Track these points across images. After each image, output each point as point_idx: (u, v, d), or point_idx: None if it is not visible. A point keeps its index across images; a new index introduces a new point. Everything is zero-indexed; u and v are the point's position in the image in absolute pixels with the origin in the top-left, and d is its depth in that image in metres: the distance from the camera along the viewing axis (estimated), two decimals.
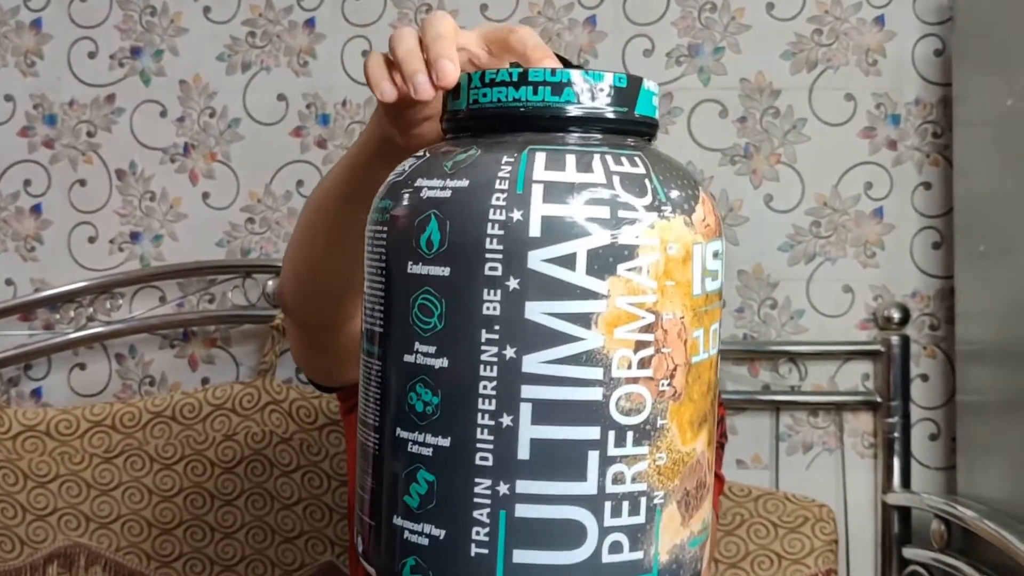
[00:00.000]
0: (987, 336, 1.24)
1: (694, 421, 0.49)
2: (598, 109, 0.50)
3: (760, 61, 1.36)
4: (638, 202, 0.47)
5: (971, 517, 1.16)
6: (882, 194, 1.36)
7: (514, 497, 0.46)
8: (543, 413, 0.46)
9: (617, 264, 0.46)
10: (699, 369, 0.49)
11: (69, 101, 1.38)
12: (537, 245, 0.46)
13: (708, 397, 0.50)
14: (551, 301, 0.46)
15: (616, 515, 0.46)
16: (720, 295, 0.51)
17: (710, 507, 0.52)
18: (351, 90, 1.37)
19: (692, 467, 0.49)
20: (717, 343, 0.51)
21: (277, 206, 1.38)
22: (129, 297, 1.38)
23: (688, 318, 0.48)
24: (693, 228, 0.48)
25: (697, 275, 0.48)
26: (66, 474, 1.29)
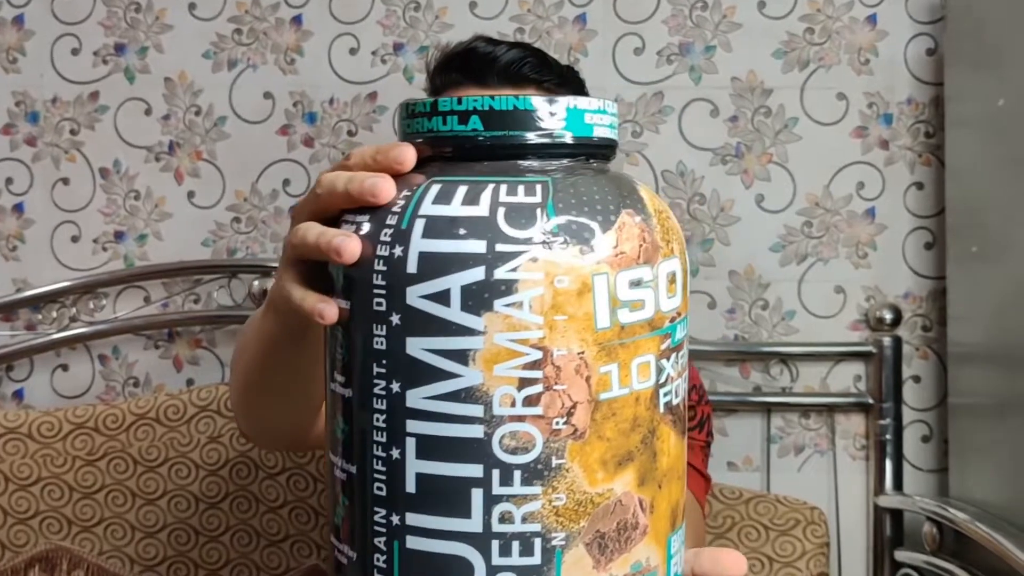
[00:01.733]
0: (979, 337, 1.23)
1: (608, 461, 0.47)
2: (510, 136, 0.48)
3: (751, 60, 1.35)
4: (521, 234, 0.45)
5: (963, 520, 1.15)
6: (874, 194, 1.35)
7: (405, 528, 0.47)
8: (427, 448, 0.46)
9: (493, 300, 0.45)
10: (613, 406, 0.46)
11: (52, 98, 1.36)
12: (414, 281, 0.46)
13: (634, 434, 0.47)
14: (429, 337, 0.46)
15: (505, 555, 0.46)
16: (652, 324, 0.48)
17: (652, 548, 0.49)
18: (338, 88, 1.36)
19: (607, 508, 0.47)
20: (655, 375, 0.48)
21: (263, 205, 1.37)
22: (113, 297, 1.36)
23: (591, 353, 0.46)
24: (593, 258, 0.46)
25: (602, 307, 0.46)
26: (48, 477, 1.27)
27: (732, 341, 1.36)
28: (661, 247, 0.48)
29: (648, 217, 0.48)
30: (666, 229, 0.49)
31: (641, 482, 0.48)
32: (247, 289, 1.35)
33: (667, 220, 0.50)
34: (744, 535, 1.27)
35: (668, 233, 0.49)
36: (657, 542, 0.49)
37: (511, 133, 0.49)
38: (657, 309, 0.48)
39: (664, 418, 0.49)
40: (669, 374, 0.49)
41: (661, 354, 0.48)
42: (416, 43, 1.36)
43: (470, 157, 0.49)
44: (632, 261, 0.47)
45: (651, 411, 0.48)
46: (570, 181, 0.48)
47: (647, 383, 0.47)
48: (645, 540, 0.48)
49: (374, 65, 1.36)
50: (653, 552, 0.49)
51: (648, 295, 0.47)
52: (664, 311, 0.48)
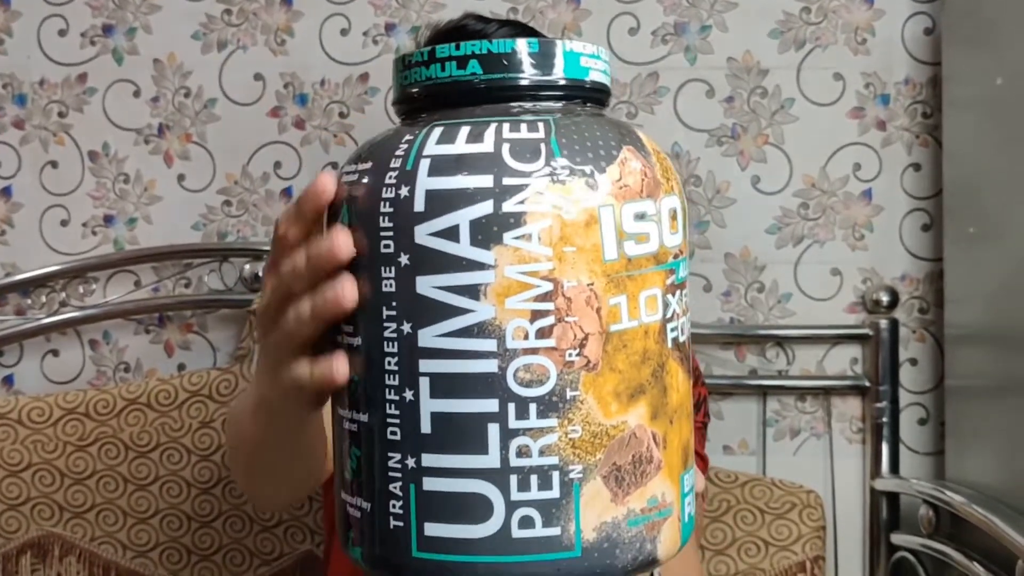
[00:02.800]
0: (977, 320, 1.23)
1: (621, 393, 0.47)
2: (508, 78, 0.49)
3: (747, 40, 1.34)
4: (527, 167, 0.46)
5: (960, 502, 1.15)
6: (871, 175, 1.34)
7: (421, 471, 0.47)
8: (441, 387, 0.46)
9: (503, 233, 0.45)
10: (624, 338, 0.47)
11: (39, 80, 1.35)
12: (422, 219, 0.46)
13: (645, 367, 0.47)
14: (439, 275, 0.46)
15: (524, 489, 0.46)
16: (657, 258, 0.48)
17: (666, 484, 0.49)
18: (329, 69, 1.34)
19: (622, 441, 0.47)
20: (662, 310, 0.48)
21: (255, 188, 1.35)
22: (103, 282, 1.35)
23: (600, 284, 0.46)
24: (599, 190, 0.46)
25: (609, 239, 0.46)
26: (39, 463, 1.26)
27: (728, 324, 1.35)
28: (662, 183, 0.49)
29: (648, 155, 0.49)
30: (665, 168, 0.50)
31: (654, 416, 0.48)
32: (238, 273, 1.34)
33: (665, 160, 0.51)
34: (740, 519, 1.27)
35: (667, 171, 0.50)
36: (671, 478, 0.49)
37: (508, 76, 0.49)
38: (661, 243, 0.48)
39: (672, 353, 0.49)
40: (675, 310, 0.49)
41: (667, 289, 0.49)
42: (408, 23, 1.34)
43: (469, 102, 0.49)
44: (636, 194, 0.47)
45: (660, 345, 0.48)
46: (570, 120, 0.48)
47: (655, 316, 0.48)
48: (660, 475, 0.48)
49: (366, 46, 1.35)
50: (668, 488, 0.49)
51: (653, 229, 0.48)
52: (668, 246, 0.49)
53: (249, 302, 1.30)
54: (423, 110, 0.51)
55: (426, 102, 0.50)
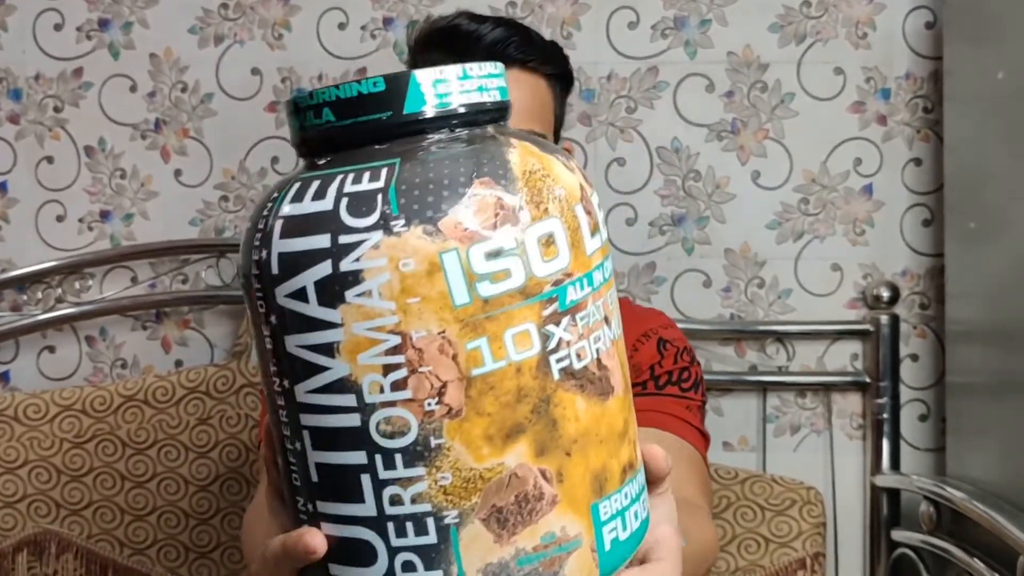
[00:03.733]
0: (978, 315, 1.22)
1: (494, 435, 0.46)
2: (361, 122, 0.48)
3: (747, 34, 1.33)
4: (361, 223, 0.46)
5: (961, 499, 1.14)
6: (872, 170, 1.33)
7: (318, 515, 0.49)
8: (319, 439, 0.48)
9: (344, 291, 0.45)
10: (489, 380, 0.46)
11: (35, 75, 1.34)
12: (278, 282, 0.47)
13: (522, 405, 0.46)
14: (298, 334, 0.47)
15: (401, 535, 0.47)
16: (524, 292, 0.46)
17: (567, 518, 0.47)
18: (327, 64, 1.34)
19: (500, 483, 0.46)
20: (539, 343, 0.47)
21: (252, 183, 1.34)
22: (99, 278, 1.34)
23: (454, 331, 0.45)
24: (439, 236, 0.45)
25: (457, 284, 0.45)
26: (35, 460, 1.25)
27: (728, 320, 1.34)
28: (527, 211, 0.47)
29: (510, 183, 0.47)
30: (537, 191, 0.48)
31: (540, 452, 0.47)
32: (235, 269, 1.33)
33: (542, 180, 0.48)
34: (740, 515, 1.26)
35: (540, 195, 0.48)
36: (575, 510, 0.48)
37: (361, 120, 0.48)
38: (530, 275, 0.47)
39: (562, 384, 0.48)
40: (563, 338, 0.48)
41: (546, 320, 0.47)
42: (406, 17, 1.34)
43: (334, 148, 0.49)
44: (486, 233, 0.46)
45: (540, 380, 0.47)
46: (420, 159, 0.47)
47: (529, 352, 0.47)
48: (556, 510, 0.47)
49: (363, 40, 1.34)
50: (570, 521, 0.48)
51: (514, 263, 0.46)
52: (541, 276, 0.47)
53: None
54: (310, 155, 0.51)
55: (303, 150, 0.51)
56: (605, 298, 0.50)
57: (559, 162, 0.50)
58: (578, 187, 0.50)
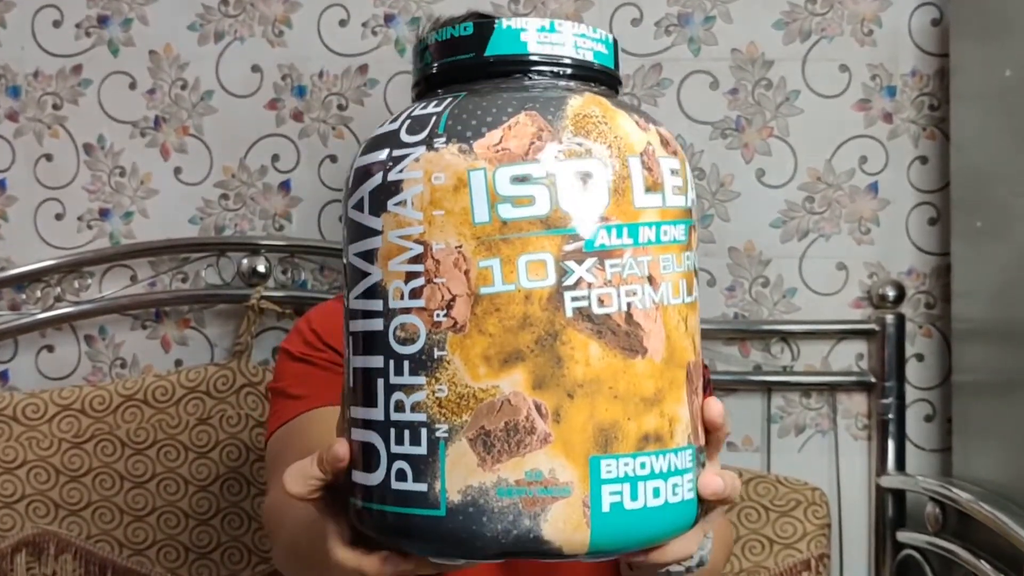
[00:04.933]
0: (984, 315, 1.21)
1: (492, 357, 0.47)
2: (447, 61, 0.53)
3: (752, 31, 1.32)
4: (412, 139, 0.49)
5: (967, 500, 1.14)
6: (877, 168, 1.32)
7: (351, 422, 0.51)
8: (357, 345, 0.51)
9: (387, 200, 0.49)
10: (496, 301, 0.47)
11: (34, 72, 1.33)
12: (348, 195, 0.52)
13: (524, 333, 0.47)
14: (355, 243, 0.51)
15: (399, 443, 0.48)
16: (546, 222, 0.47)
17: (558, 461, 0.46)
18: (328, 60, 1.33)
19: (492, 406, 0.47)
20: (554, 275, 0.47)
21: (252, 181, 1.33)
22: (98, 276, 1.33)
23: (469, 247, 0.47)
24: (472, 155, 0.47)
25: (479, 202, 0.47)
26: (34, 460, 1.24)
27: (732, 319, 1.33)
28: (567, 146, 0.48)
29: (557, 119, 0.48)
30: (585, 132, 0.49)
31: (537, 385, 0.47)
32: (236, 267, 1.32)
33: (595, 125, 0.49)
34: (744, 516, 1.25)
35: (587, 135, 0.49)
36: (570, 457, 0.47)
37: (447, 60, 0.52)
38: (555, 207, 0.47)
39: (575, 324, 0.47)
40: (583, 278, 0.47)
41: (566, 255, 0.47)
42: (408, 14, 1.33)
43: (439, 85, 0.53)
44: (517, 157, 0.47)
45: (550, 312, 0.47)
46: (484, 92, 0.50)
47: (542, 282, 0.47)
48: (547, 449, 0.47)
49: (365, 37, 1.33)
50: (562, 466, 0.47)
51: (540, 191, 0.47)
52: (567, 210, 0.48)
53: (247, 297, 1.29)
54: (421, 95, 0.55)
55: (420, 89, 0.55)
56: (656, 259, 0.49)
57: (630, 118, 0.51)
58: (643, 143, 0.50)
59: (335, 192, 1.33)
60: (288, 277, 1.32)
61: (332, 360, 0.88)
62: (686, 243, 0.51)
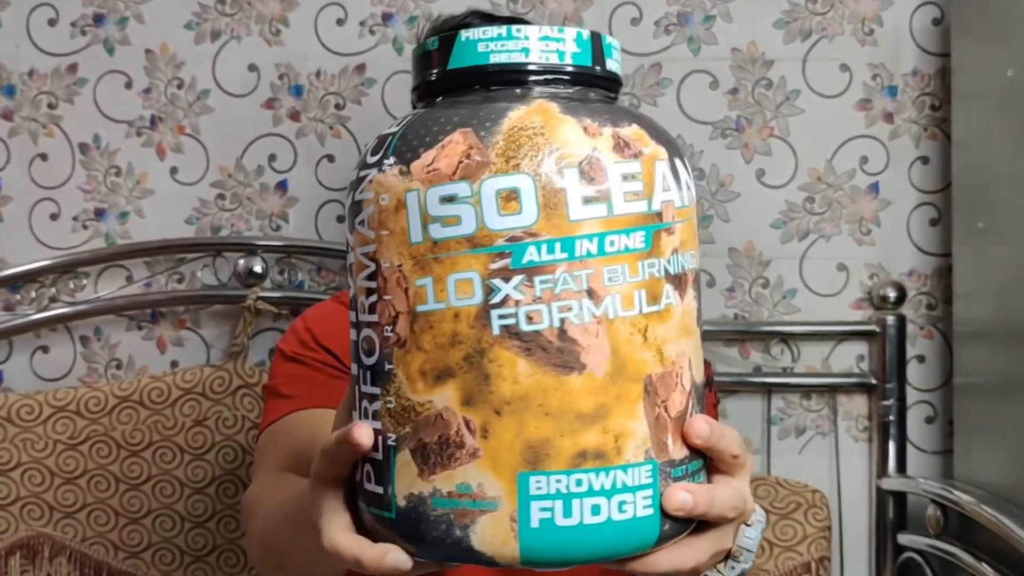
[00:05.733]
0: (986, 316, 1.20)
1: (427, 372, 0.49)
2: (425, 76, 0.54)
3: (752, 30, 1.31)
4: (371, 160, 0.51)
5: (968, 502, 1.13)
6: (878, 169, 1.31)
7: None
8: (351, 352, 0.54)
9: (354, 219, 0.52)
10: (430, 319, 0.48)
11: (29, 71, 1.32)
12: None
13: (455, 351, 0.48)
14: (347, 254, 0.54)
15: (370, 447, 0.51)
16: (473, 241, 0.47)
17: (487, 476, 0.47)
18: (325, 60, 1.32)
19: (428, 419, 0.49)
20: (480, 294, 0.47)
21: (249, 181, 1.33)
22: (94, 277, 1.32)
23: (407, 266, 0.49)
24: (409, 176, 0.49)
25: (414, 222, 0.49)
26: (28, 462, 1.23)
27: (732, 320, 1.32)
28: (494, 163, 0.48)
29: (490, 135, 0.49)
30: (515, 146, 0.48)
31: (466, 401, 0.48)
32: (232, 268, 1.31)
33: (529, 137, 0.49)
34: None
35: (517, 150, 0.48)
36: (497, 472, 0.48)
37: (425, 75, 0.54)
38: (480, 225, 0.48)
39: (503, 342, 0.48)
40: (510, 296, 0.48)
41: (492, 273, 0.48)
42: (406, 13, 1.32)
43: (424, 98, 0.55)
44: (446, 177, 0.48)
45: (477, 330, 0.48)
46: (437, 107, 0.52)
47: (469, 300, 0.48)
48: (476, 464, 0.48)
49: (362, 36, 1.32)
50: (490, 481, 0.48)
51: (466, 211, 0.48)
52: (494, 228, 0.48)
53: (243, 298, 1.28)
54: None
55: (414, 97, 0.57)
56: (598, 271, 0.48)
57: (578, 124, 0.50)
58: (587, 151, 0.49)
59: (332, 192, 1.32)
60: (285, 278, 1.31)
61: (325, 361, 0.88)
62: (646, 250, 0.50)
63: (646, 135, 0.51)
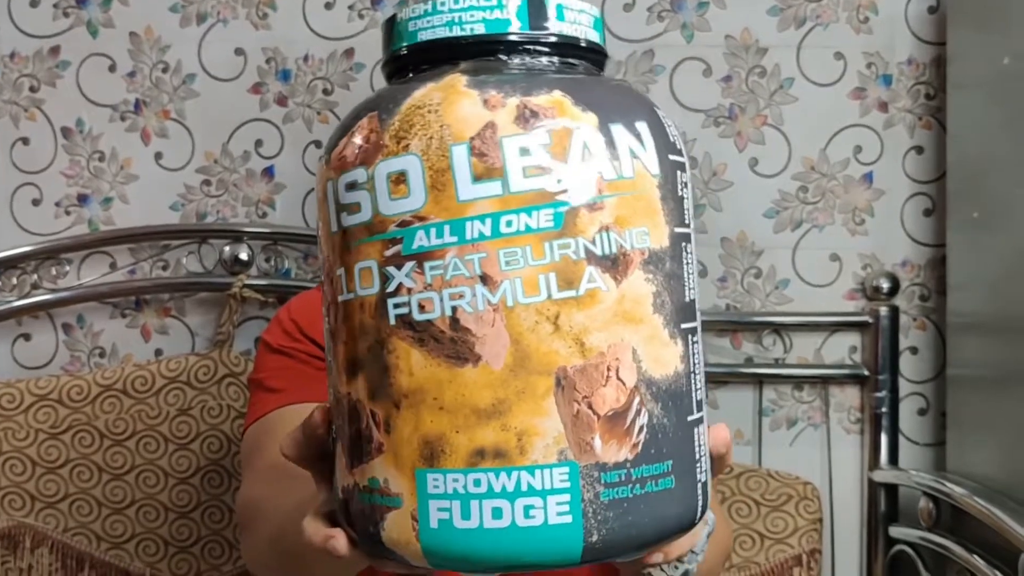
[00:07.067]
0: (979, 307, 1.19)
1: (344, 364, 0.48)
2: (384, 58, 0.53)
3: (746, 17, 1.30)
4: (322, 154, 0.51)
5: (960, 494, 1.12)
6: (872, 158, 1.30)
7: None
8: None
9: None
10: (347, 309, 0.47)
11: (10, 53, 1.29)
12: None
13: (362, 341, 0.46)
14: None
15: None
16: (370, 228, 0.46)
17: (390, 472, 0.46)
18: (313, 44, 1.30)
19: (349, 413, 0.48)
20: (378, 283, 0.45)
21: (235, 167, 1.31)
22: (77, 263, 1.30)
23: (331, 256, 0.48)
24: (328, 166, 0.48)
25: (332, 212, 0.48)
26: (9, 451, 1.21)
27: (723, 311, 1.31)
28: (386, 146, 0.46)
29: (390, 116, 0.46)
30: (408, 126, 0.46)
31: (372, 394, 0.47)
32: (218, 255, 1.29)
33: (421, 115, 0.46)
34: (735, 511, 1.24)
35: (408, 130, 0.46)
36: (398, 468, 0.46)
37: (382, 59, 0.53)
38: (376, 212, 0.46)
39: (399, 332, 0.45)
40: (403, 284, 0.45)
41: (387, 261, 0.46)
42: None
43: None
44: (350, 164, 0.47)
45: (377, 321, 0.46)
46: (369, 96, 0.51)
47: (370, 290, 0.46)
48: (382, 460, 0.46)
49: (351, 20, 1.30)
50: (394, 477, 0.46)
51: (364, 197, 0.46)
52: (387, 214, 0.46)
53: (229, 285, 1.26)
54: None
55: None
56: (493, 255, 0.44)
57: (479, 98, 0.46)
58: (480, 125, 0.45)
59: None
60: (271, 265, 1.30)
61: (311, 352, 0.86)
62: (555, 230, 0.45)
63: (568, 102, 0.46)
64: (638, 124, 0.48)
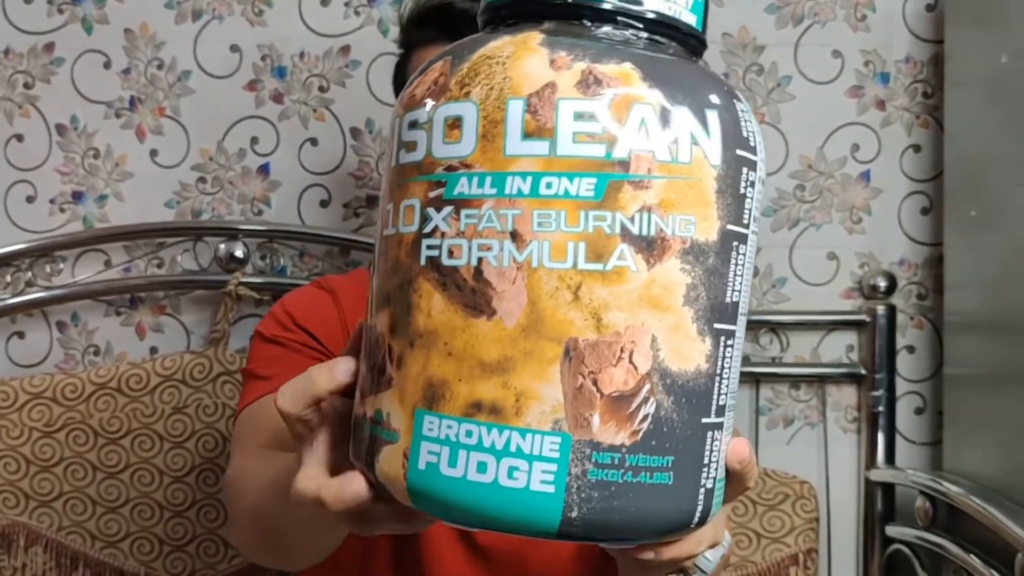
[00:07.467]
0: (977, 306, 1.19)
1: (377, 296, 0.49)
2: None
3: (743, 15, 1.29)
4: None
5: (957, 494, 1.12)
6: (869, 157, 1.30)
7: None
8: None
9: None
10: (387, 243, 0.48)
11: (4, 50, 1.29)
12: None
13: (394, 277, 0.47)
14: None
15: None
16: (420, 168, 0.46)
17: (394, 406, 0.46)
18: (309, 41, 1.29)
19: (372, 345, 0.49)
20: (418, 222, 0.46)
21: (230, 165, 1.30)
22: (71, 261, 1.29)
23: (386, 191, 0.49)
24: (400, 103, 0.50)
25: (395, 147, 0.49)
26: (3, 449, 1.21)
27: None
28: (450, 90, 0.46)
29: (460, 62, 0.47)
30: (473, 74, 0.46)
31: (392, 329, 0.47)
32: (213, 253, 1.28)
33: (488, 66, 0.46)
34: (732, 510, 1.23)
35: (473, 78, 0.46)
36: (402, 405, 0.46)
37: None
38: (428, 153, 0.46)
39: (426, 273, 0.46)
40: (438, 227, 0.46)
41: (429, 202, 0.46)
42: None
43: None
44: (416, 104, 0.48)
45: (410, 259, 0.47)
46: (469, 42, 0.50)
47: (410, 228, 0.47)
48: (389, 394, 0.47)
49: (347, 17, 1.30)
50: (396, 412, 0.47)
51: (420, 137, 0.47)
52: (437, 156, 0.46)
53: (224, 283, 1.25)
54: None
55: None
56: (527, 213, 0.44)
57: (548, 57, 0.45)
58: (541, 84, 0.45)
59: (315, 176, 1.30)
60: (267, 263, 1.29)
61: (304, 342, 0.86)
62: (595, 200, 0.44)
63: (635, 75, 0.45)
64: (708, 111, 0.46)
